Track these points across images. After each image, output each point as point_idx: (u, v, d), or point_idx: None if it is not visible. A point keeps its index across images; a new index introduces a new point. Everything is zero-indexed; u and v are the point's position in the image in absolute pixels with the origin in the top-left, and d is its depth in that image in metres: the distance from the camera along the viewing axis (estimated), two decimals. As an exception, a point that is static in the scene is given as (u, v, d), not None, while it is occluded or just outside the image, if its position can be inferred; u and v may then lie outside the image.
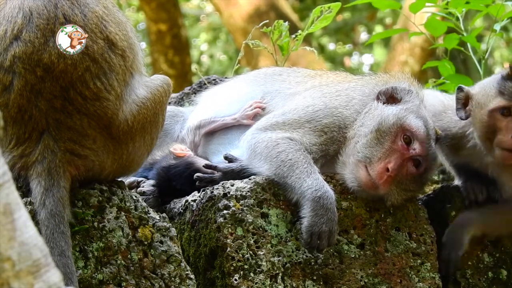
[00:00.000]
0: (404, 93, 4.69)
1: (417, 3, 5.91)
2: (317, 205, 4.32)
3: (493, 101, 4.58)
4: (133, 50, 4.17)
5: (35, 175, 3.93)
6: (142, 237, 4.15)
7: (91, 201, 4.09)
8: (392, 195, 4.53)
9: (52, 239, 3.82)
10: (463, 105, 4.72)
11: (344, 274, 4.50)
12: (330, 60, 19.70)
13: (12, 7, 4.02)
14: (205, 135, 5.01)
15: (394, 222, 4.63)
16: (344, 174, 4.54)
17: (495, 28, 5.94)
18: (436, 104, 4.90)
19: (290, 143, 4.51)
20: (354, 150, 4.53)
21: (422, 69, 10.70)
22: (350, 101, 4.71)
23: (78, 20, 4.01)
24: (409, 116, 4.58)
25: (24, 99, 3.95)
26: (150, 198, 4.76)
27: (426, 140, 4.55)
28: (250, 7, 13.82)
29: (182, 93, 5.98)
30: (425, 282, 4.59)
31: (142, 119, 4.13)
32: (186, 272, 4.19)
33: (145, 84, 4.21)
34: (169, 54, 14.11)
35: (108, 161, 4.08)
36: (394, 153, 4.49)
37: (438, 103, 4.90)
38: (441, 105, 4.90)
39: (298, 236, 4.44)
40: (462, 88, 4.74)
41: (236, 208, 4.40)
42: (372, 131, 4.53)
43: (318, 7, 5.77)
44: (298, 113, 4.66)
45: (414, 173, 4.54)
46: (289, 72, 5.13)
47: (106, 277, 4.03)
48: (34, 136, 3.97)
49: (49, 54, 3.95)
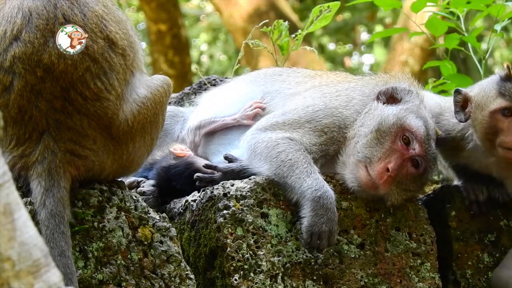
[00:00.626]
0: (404, 93, 4.69)
1: (418, 3, 5.90)
2: (317, 205, 4.32)
3: (494, 102, 4.58)
4: (133, 48, 4.16)
5: (35, 176, 3.93)
6: (142, 237, 4.14)
7: (91, 201, 4.09)
8: (392, 195, 4.53)
9: (52, 239, 3.82)
10: (462, 108, 4.72)
11: (344, 274, 4.50)
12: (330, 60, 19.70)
13: (11, 7, 4.01)
14: (205, 135, 5.01)
15: (394, 222, 4.63)
16: (344, 174, 4.54)
17: (496, 28, 5.94)
18: (433, 106, 4.89)
19: (290, 143, 4.51)
20: (354, 150, 4.53)
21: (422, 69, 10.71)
22: (350, 101, 4.72)
23: (78, 20, 4.01)
24: (409, 116, 4.58)
25: (24, 99, 3.95)
26: (150, 198, 4.76)
27: (426, 140, 4.55)
28: (250, 7, 13.82)
29: (182, 93, 5.98)
30: (425, 282, 4.59)
31: (142, 119, 4.13)
32: (186, 272, 4.19)
33: (146, 84, 4.21)
34: (169, 54, 14.12)
35: (108, 162, 4.08)
36: (394, 153, 4.49)
37: (434, 105, 4.90)
38: (438, 107, 4.90)
39: (298, 236, 4.44)
40: (459, 90, 4.74)
41: (236, 208, 4.40)
42: (372, 131, 4.53)
43: (318, 7, 5.77)
44: (298, 113, 4.66)
45: (413, 173, 4.54)
46: (289, 72, 5.14)
47: (106, 277, 4.03)
48: (34, 137, 3.97)
49: (49, 55, 3.95)
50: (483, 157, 4.72)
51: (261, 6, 13.87)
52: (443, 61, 6.11)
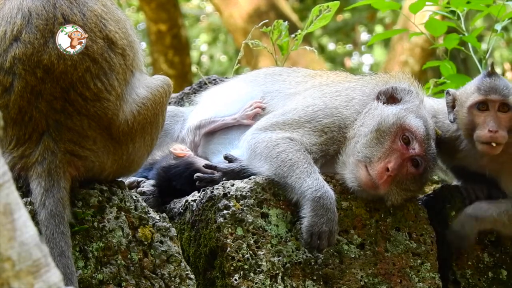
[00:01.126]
0: (404, 93, 4.69)
1: (417, 3, 5.91)
2: (317, 205, 4.32)
3: (470, 97, 4.61)
4: (133, 48, 4.16)
5: (35, 176, 3.93)
6: (142, 237, 4.14)
7: (91, 201, 4.09)
8: (392, 195, 4.53)
9: (52, 239, 3.82)
10: (452, 108, 4.74)
11: (344, 274, 4.50)
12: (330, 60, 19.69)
13: (11, 8, 4.01)
14: (205, 135, 5.01)
15: (394, 222, 4.63)
16: (344, 174, 4.54)
17: (496, 28, 5.94)
18: (427, 109, 4.90)
19: (290, 143, 4.51)
20: (354, 150, 4.53)
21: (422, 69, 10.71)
22: (350, 101, 4.72)
23: (77, 19, 4.00)
24: (409, 116, 4.58)
25: (24, 100, 3.95)
26: (150, 198, 4.76)
27: (426, 140, 4.55)
28: (250, 7, 13.82)
29: (182, 93, 5.99)
30: (425, 282, 4.59)
31: (142, 119, 4.13)
32: (186, 272, 4.19)
33: (146, 84, 4.21)
34: (169, 54, 14.11)
35: (108, 162, 4.08)
36: (394, 152, 4.49)
37: (428, 108, 4.90)
38: (432, 110, 4.90)
39: (298, 236, 4.44)
40: (449, 91, 4.76)
41: (236, 208, 4.40)
42: (372, 131, 4.54)
43: (317, 6, 5.78)
44: (298, 113, 4.67)
45: (413, 173, 4.54)
46: (289, 72, 5.14)
47: (106, 277, 4.03)
48: (34, 137, 3.97)
49: (49, 55, 3.95)
50: (477, 156, 4.72)
51: (261, 6, 13.87)
52: (443, 61, 6.11)
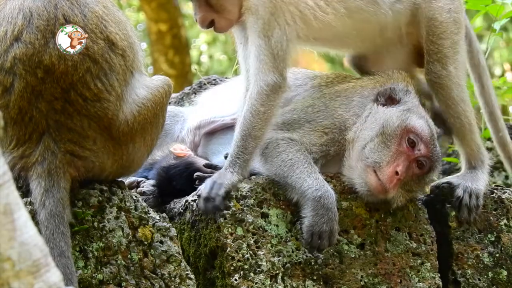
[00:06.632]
0: (402, 93, 4.69)
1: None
2: (318, 205, 4.32)
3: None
4: (133, 49, 4.16)
5: (35, 176, 3.94)
6: (142, 237, 4.15)
7: (91, 201, 4.09)
8: (397, 197, 4.52)
9: (52, 239, 3.82)
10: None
11: (344, 274, 4.50)
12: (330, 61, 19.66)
13: (12, 8, 4.01)
14: (205, 135, 5.01)
15: (394, 222, 4.63)
16: (353, 179, 4.52)
17: (495, 27, 5.93)
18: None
19: (290, 143, 4.51)
20: (362, 155, 4.50)
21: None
22: (349, 102, 4.71)
23: (78, 20, 4.01)
24: (412, 117, 4.57)
25: (24, 100, 3.95)
26: (150, 198, 4.76)
27: (431, 141, 4.55)
28: (250, 7, 13.78)
29: (182, 93, 5.99)
30: (425, 282, 4.59)
31: (142, 120, 4.13)
32: (186, 272, 4.19)
33: (146, 85, 4.21)
34: (169, 54, 14.10)
35: (108, 162, 4.08)
36: (401, 155, 4.48)
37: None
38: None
39: (298, 236, 4.44)
40: None
41: (236, 208, 4.40)
42: (378, 135, 4.51)
43: (318, 6, 5.75)
44: (298, 113, 4.66)
45: (418, 173, 4.54)
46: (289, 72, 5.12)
47: (106, 277, 4.04)
48: (34, 137, 3.97)
49: (49, 56, 3.95)
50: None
51: (261, 6, 13.84)
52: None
